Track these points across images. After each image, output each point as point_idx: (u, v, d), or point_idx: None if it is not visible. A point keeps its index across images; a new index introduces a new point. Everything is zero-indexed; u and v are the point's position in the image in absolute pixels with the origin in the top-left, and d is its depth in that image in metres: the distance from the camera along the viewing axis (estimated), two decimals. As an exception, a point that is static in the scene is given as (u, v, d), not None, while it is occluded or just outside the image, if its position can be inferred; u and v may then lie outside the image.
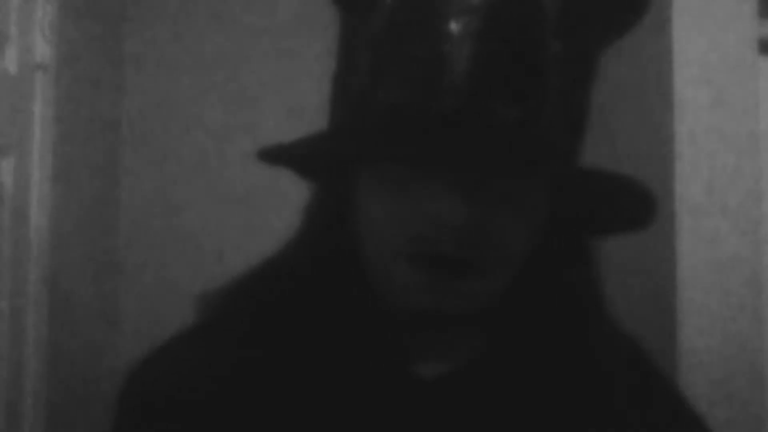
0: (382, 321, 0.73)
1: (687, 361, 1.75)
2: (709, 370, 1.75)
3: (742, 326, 1.78)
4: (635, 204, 0.72)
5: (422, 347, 0.75)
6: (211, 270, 2.30)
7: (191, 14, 2.39)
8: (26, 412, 1.85)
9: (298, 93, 2.32)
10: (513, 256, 0.71)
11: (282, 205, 2.32)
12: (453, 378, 0.74)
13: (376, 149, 0.69)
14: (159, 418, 0.72)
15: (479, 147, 0.66)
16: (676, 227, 1.78)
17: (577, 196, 0.72)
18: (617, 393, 0.76)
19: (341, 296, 0.73)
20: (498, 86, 0.67)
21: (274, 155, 0.72)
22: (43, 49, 1.92)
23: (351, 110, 0.71)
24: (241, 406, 0.71)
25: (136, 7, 2.39)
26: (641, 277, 1.85)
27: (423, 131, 0.67)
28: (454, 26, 0.67)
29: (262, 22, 2.38)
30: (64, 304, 2.00)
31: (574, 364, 0.75)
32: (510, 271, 0.72)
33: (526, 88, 0.67)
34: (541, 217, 0.72)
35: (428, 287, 0.69)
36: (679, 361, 1.75)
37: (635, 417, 0.76)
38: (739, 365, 1.77)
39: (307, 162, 0.75)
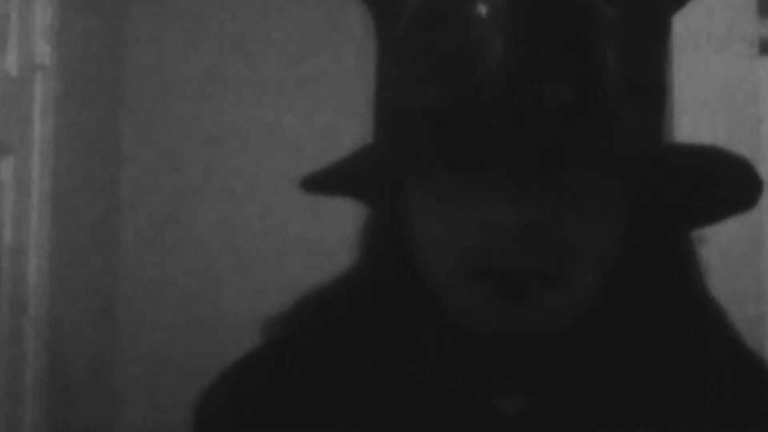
0: (457, 347, 0.65)
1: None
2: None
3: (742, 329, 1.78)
4: (735, 180, 0.62)
5: (501, 376, 0.65)
6: (211, 266, 2.31)
7: (192, 14, 2.39)
8: (26, 410, 1.85)
9: (301, 91, 2.32)
10: (592, 259, 0.61)
11: (286, 211, 2.33)
12: (541, 412, 0.64)
13: (415, 154, 0.62)
14: None
15: (527, 136, 0.57)
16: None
17: (663, 180, 0.62)
18: (736, 427, 0.64)
19: (412, 322, 0.66)
20: (542, 66, 0.58)
21: (319, 183, 0.66)
22: (43, 49, 1.92)
23: (388, 117, 0.65)
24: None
25: (136, 7, 2.39)
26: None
27: (462, 128, 0.59)
28: (482, 8, 0.59)
29: (265, 21, 2.38)
30: (63, 304, 1.99)
31: (686, 392, 0.64)
32: (592, 277, 0.62)
33: (576, 64, 0.58)
34: (621, 211, 0.62)
35: (495, 307, 0.60)
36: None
37: None
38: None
39: (354, 183, 0.68)
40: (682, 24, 1.80)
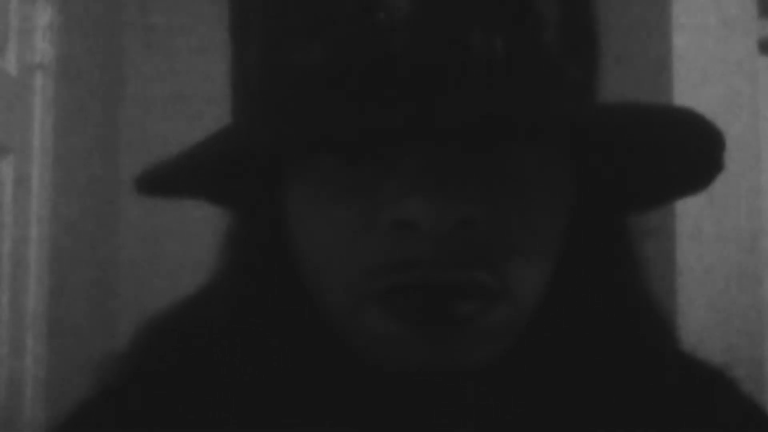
0: (362, 383, 0.48)
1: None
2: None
3: (742, 329, 1.78)
4: (692, 145, 0.47)
5: (420, 414, 0.49)
6: (212, 266, 2.31)
7: (191, 14, 2.39)
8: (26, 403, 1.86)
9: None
10: (537, 263, 0.46)
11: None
12: None
13: (294, 137, 0.45)
14: None
15: (453, 103, 0.42)
16: (677, 227, 1.78)
17: (610, 149, 0.48)
18: None
19: (291, 356, 0.49)
20: (465, 10, 0.43)
21: (159, 183, 0.52)
22: (43, 49, 1.92)
23: (252, 92, 0.48)
24: None
25: (135, 7, 2.39)
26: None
27: (361, 98, 0.42)
28: None
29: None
30: (63, 304, 2.00)
31: (635, 413, 0.51)
32: (536, 285, 0.47)
33: (508, 7, 0.44)
34: (567, 199, 0.48)
35: (415, 341, 0.44)
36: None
37: None
38: (739, 363, 1.77)
39: (207, 180, 0.52)
40: (681, 24, 1.80)
